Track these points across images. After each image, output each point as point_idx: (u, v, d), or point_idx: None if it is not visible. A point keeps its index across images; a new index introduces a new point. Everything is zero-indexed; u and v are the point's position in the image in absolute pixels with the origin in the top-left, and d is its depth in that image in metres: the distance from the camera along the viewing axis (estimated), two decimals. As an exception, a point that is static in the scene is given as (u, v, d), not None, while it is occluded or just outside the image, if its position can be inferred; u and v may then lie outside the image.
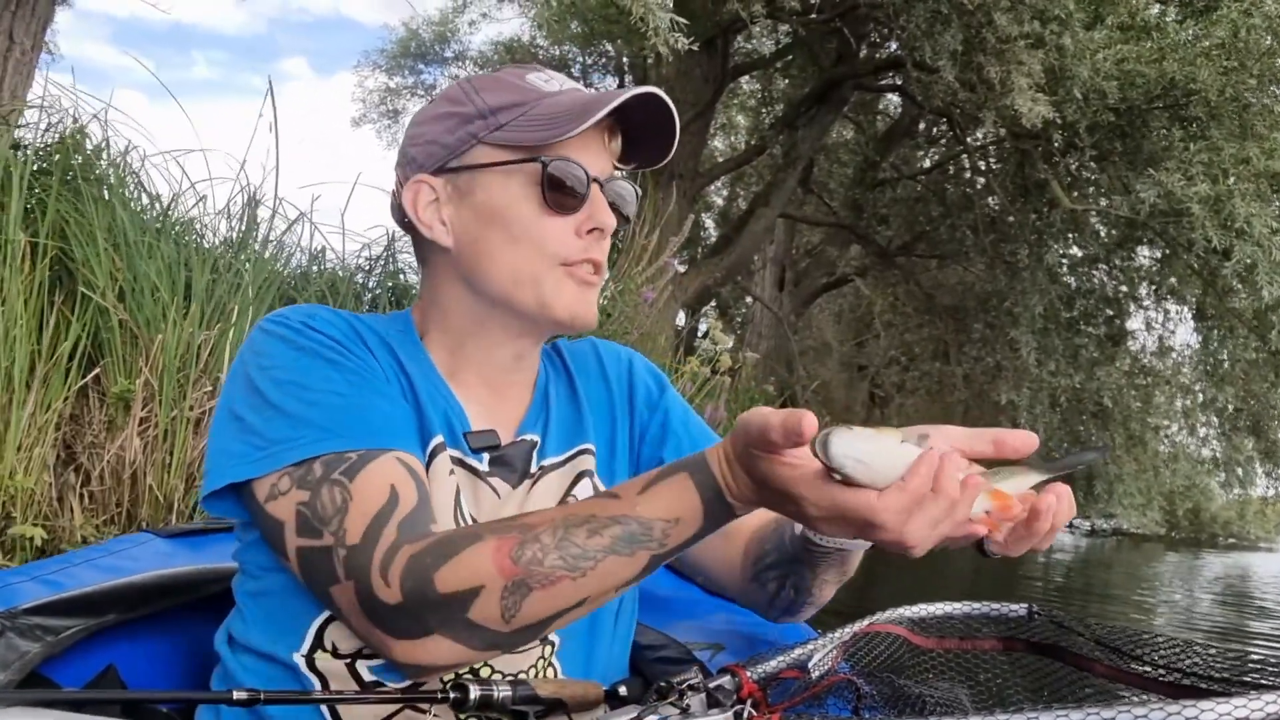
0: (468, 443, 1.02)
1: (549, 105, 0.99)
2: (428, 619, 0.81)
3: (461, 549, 0.82)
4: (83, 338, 2.90)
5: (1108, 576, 9.23)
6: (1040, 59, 6.23)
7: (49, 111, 3.61)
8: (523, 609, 0.80)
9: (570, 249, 1.00)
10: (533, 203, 0.99)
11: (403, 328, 1.07)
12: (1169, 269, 8.76)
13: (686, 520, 0.81)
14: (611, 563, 0.81)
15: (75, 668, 0.99)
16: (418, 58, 16.16)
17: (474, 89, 1.02)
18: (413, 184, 1.02)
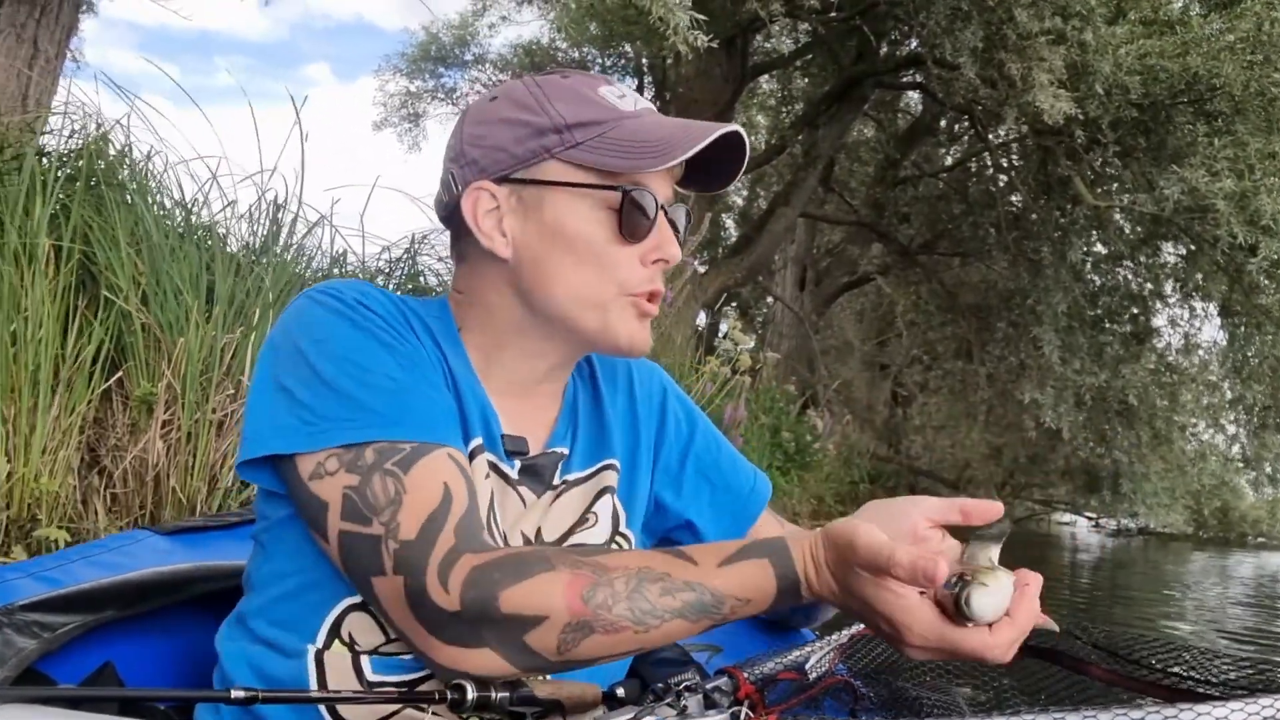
0: (503, 446, 1.01)
1: (630, 130, 0.96)
2: (483, 633, 0.82)
3: (534, 573, 0.82)
4: (106, 341, 2.93)
5: (1130, 578, 9.15)
6: (1062, 55, 6.18)
7: (73, 118, 3.66)
8: (579, 647, 0.81)
9: (636, 278, 0.99)
10: (605, 228, 0.97)
11: (441, 315, 1.04)
12: (1194, 266, 8.67)
13: (756, 602, 0.83)
14: (676, 625, 0.82)
15: (73, 665, 0.99)
16: (438, 61, 16.21)
17: (546, 97, 0.98)
18: (473, 190, 0.98)
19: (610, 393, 1.14)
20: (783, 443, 8.81)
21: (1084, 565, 10.44)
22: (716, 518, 1.18)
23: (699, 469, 1.18)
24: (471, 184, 0.98)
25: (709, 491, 1.18)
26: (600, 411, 1.12)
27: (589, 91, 0.98)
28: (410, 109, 16.64)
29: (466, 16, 15.06)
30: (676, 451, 1.17)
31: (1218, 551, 15.24)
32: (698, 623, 0.82)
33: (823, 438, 9.93)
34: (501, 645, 0.81)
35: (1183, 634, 5.53)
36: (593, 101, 0.97)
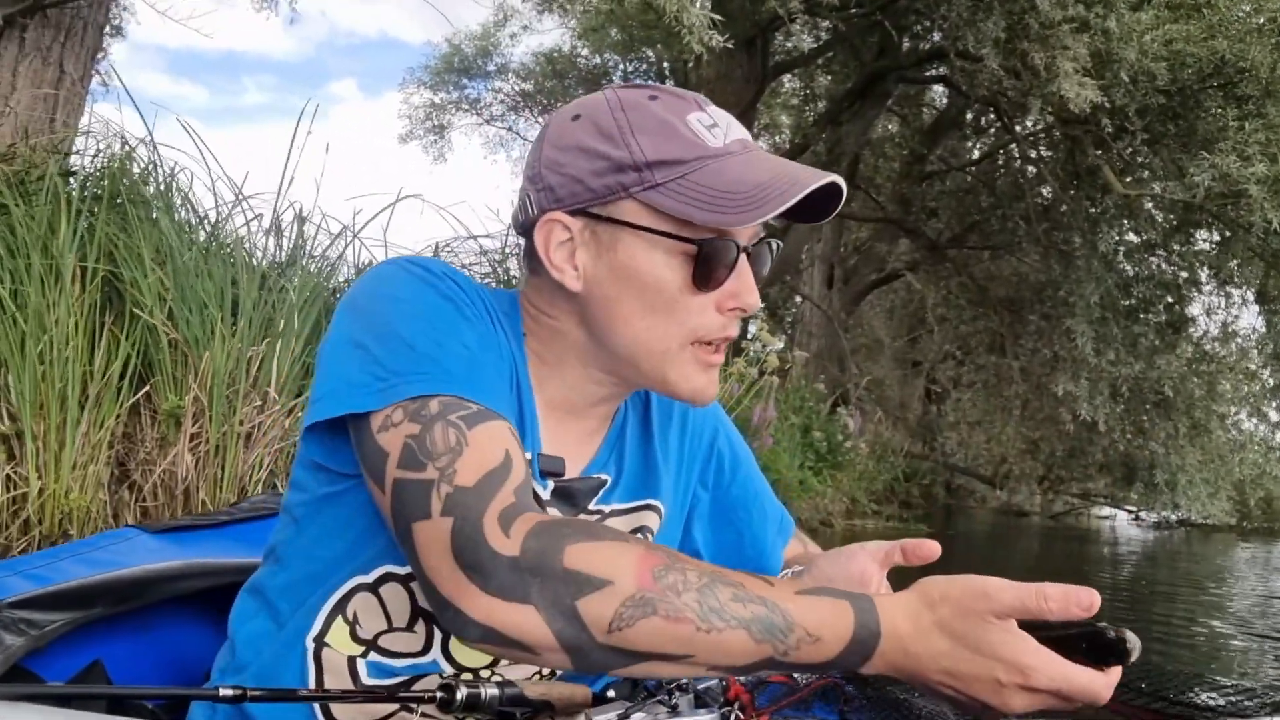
0: (538, 464, 0.97)
1: (716, 173, 0.90)
2: (532, 585, 0.75)
3: (606, 537, 0.79)
4: (133, 356, 2.97)
5: (1170, 572, 9.01)
6: (1086, 43, 6.11)
7: (98, 138, 3.72)
8: (635, 627, 0.75)
9: (709, 327, 0.94)
10: (679, 275, 0.92)
11: (511, 314, 1.01)
12: (1229, 252, 8.52)
13: (825, 643, 0.76)
14: (737, 637, 0.75)
15: (61, 662, 0.99)
16: (461, 73, 16.33)
17: (630, 127, 0.91)
18: (548, 220, 0.94)
19: (663, 427, 1.11)
20: (813, 442, 8.76)
21: (1124, 560, 10.30)
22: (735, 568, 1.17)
23: (731, 519, 1.17)
24: (547, 213, 0.94)
25: (734, 543, 1.17)
26: (649, 446, 1.09)
27: (676, 121, 0.92)
28: (435, 121, 16.78)
29: (488, 27, 15.17)
30: (716, 496, 1.16)
31: (1262, 543, 14.97)
32: (760, 644, 0.75)
33: (854, 436, 9.86)
34: (549, 605, 0.75)
35: (1225, 631, 5.42)
36: (678, 135, 0.91)
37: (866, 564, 0.99)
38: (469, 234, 4.68)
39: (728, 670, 0.78)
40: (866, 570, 0.99)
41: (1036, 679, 0.74)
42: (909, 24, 9.37)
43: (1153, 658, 4.06)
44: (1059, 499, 16.96)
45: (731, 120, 0.95)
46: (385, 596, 0.93)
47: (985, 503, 19.04)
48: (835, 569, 1.03)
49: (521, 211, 0.98)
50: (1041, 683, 0.74)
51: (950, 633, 0.76)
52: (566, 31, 14.40)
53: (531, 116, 16.50)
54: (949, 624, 0.76)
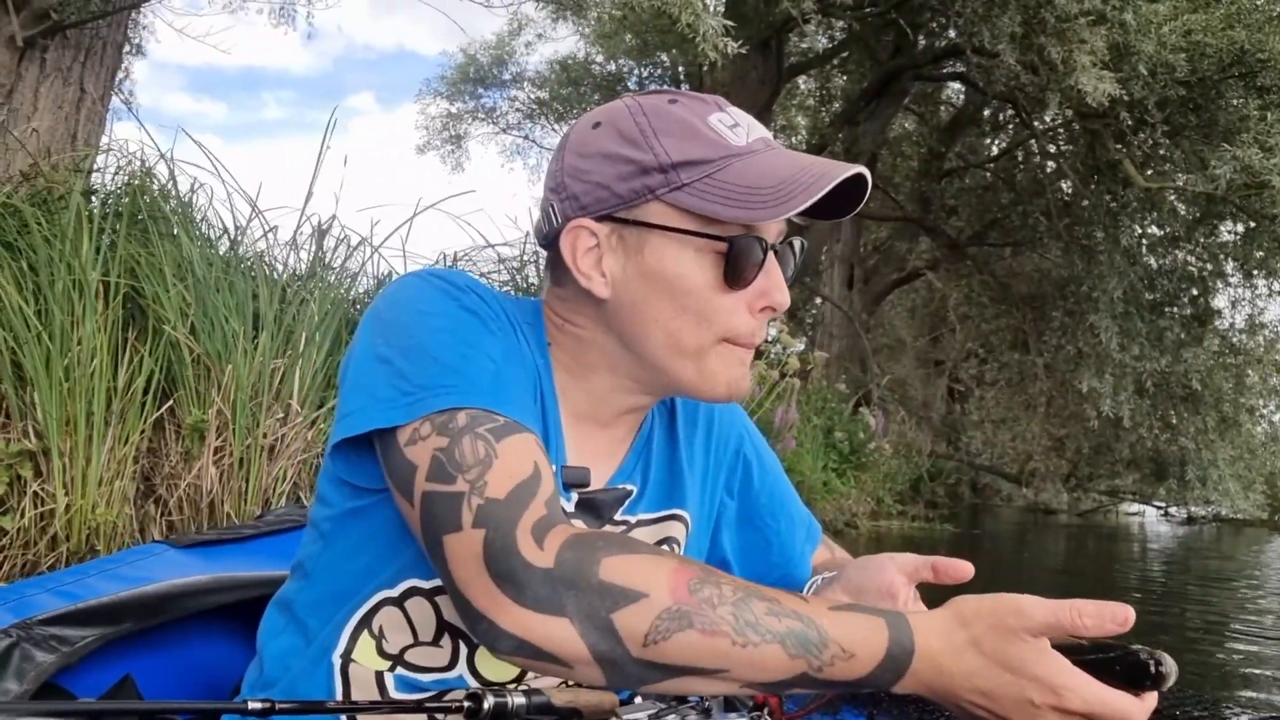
0: (561, 476, 0.96)
1: (741, 171, 0.90)
2: (567, 598, 0.74)
3: (641, 551, 0.78)
4: (156, 372, 2.99)
5: (1203, 568, 8.90)
6: (1103, 35, 6.06)
7: (119, 156, 3.75)
8: (670, 640, 0.74)
9: (740, 327, 0.94)
10: (709, 275, 0.91)
11: (534, 324, 1.01)
12: (1254, 243, 8.43)
13: (860, 660, 0.75)
14: (771, 652, 0.74)
15: (93, 678, 1.00)
16: (477, 82, 16.41)
17: (653, 131, 0.91)
18: (574, 228, 0.93)
19: (688, 435, 1.11)
20: (836, 443, 8.73)
21: (1153, 557, 10.19)
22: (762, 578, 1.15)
23: (758, 526, 1.16)
24: (571, 221, 0.94)
25: (763, 548, 1.17)
26: (675, 455, 1.08)
27: (698, 123, 0.92)
28: (452, 131, 16.87)
29: (503, 36, 15.24)
30: (743, 504, 1.16)
31: (1297, 537, 14.77)
32: (795, 659, 0.74)
33: (877, 437, 9.81)
34: (584, 618, 0.74)
35: (1258, 632, 5.35)
36: (701, 136, 0.91)
37: (895, 576, 0.98)
38: (486, 243, 4.70)
39: (761, 686, 0.77)
40: (894, 582, 0.98)
41: (1070, 700, 0.73)
42: (924, 21, 9.33)
43: (1186, 665, 4.01)
44: (1086, 496, 16.81)
45: (752, 120, 0.95)
46: (411, 611, 0.92)
47: (1011, 501, 18.90)
48: (864, 578, 1.02)
49: (545, 222, 0.98)
50: (1075, 704, 0.73)
51: (983, 651, 0.75)
52: (581, 39, 14.44)
53: (548, 124, 16.55)
54: (982, 641, 0.75)
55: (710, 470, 1.12)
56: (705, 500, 1.11)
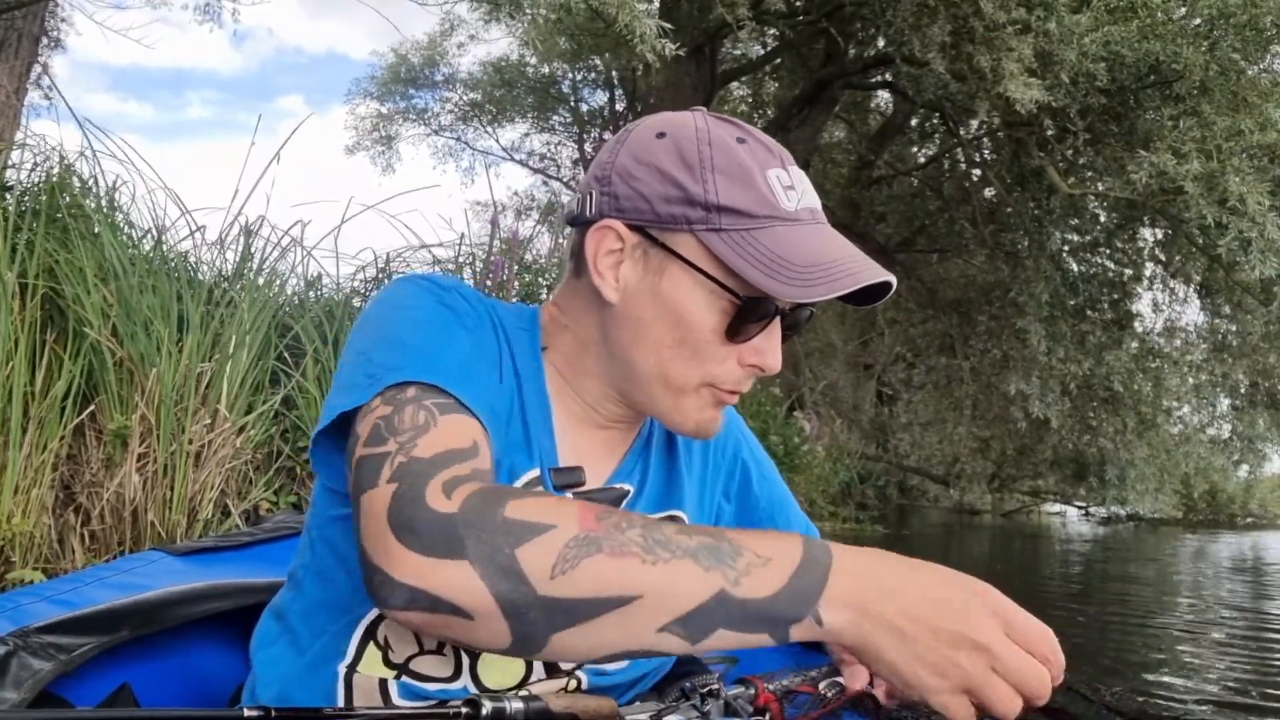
0: (550, 479, 0.97)
1: (778, 237, 0.89)
2: (468, 540, 0.69)
3: (549, 496, 0.76)
4: (76, 376, 2.88)
5: (1122, 567, 9.17)
6: (1030, 44, 6.21)
7: (35, 152, 3.61)
8: (578, 568, 0.69)
9: (726, 376, 0.94)
10: (713, 320, 0.91)
11: (530, 329, 1.01)
12: (1172, 247, 8.72)
13: (776, 565, 0.71)
14: (683, 568, 0.70)
15: (90, 686, 0.99)
16: (408, 83, 16.23)
17: (711, 165, 0.90)
18: (603, 227, 0.93)
19: (687, 439, 1.11)
20: (771, 446, 8.80)
21: (1074, 556, 10.46)
22: None
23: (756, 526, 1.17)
24: (605, 219, 0.94)
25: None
26: (674, 456, 1.09)
27: (756, 173, 0.91)
28: (382, 132, 16.65)
29: (435, 37, 15.09)
30: (741, 507, 1.16)
31: (1207, 534, 15.32)
32: (709, 572, 0.70)
33: (810, 440, 9.92)
34: (485, 559, 0.69)
35: (1170, 624, 5.52)
36: (754, 188, 0.90)
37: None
38: (421, 243, 4.63)
39: (679, 618, 0.70)
40: None
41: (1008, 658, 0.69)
42: (854, 31, 9.46)
43: (1105, 657, 4.12)
44: (1010, 497, 17.22)
45: (808, 185, 0.95)
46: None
47: (938, 502, 19.30)
48: None
49: (579, 205, 0.97)
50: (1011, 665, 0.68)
51: (920, 574, 0.72)
52: (514, 41, 14.37)
53: (481, 126, 16.43)
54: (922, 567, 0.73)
55: (709, 474, 1.12)
56: (704, 503, 1.11)
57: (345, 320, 3.90)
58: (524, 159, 17.49)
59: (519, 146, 17.32)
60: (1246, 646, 4.43)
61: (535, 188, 18.16)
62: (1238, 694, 3.15)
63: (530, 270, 4.94)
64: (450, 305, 0.93)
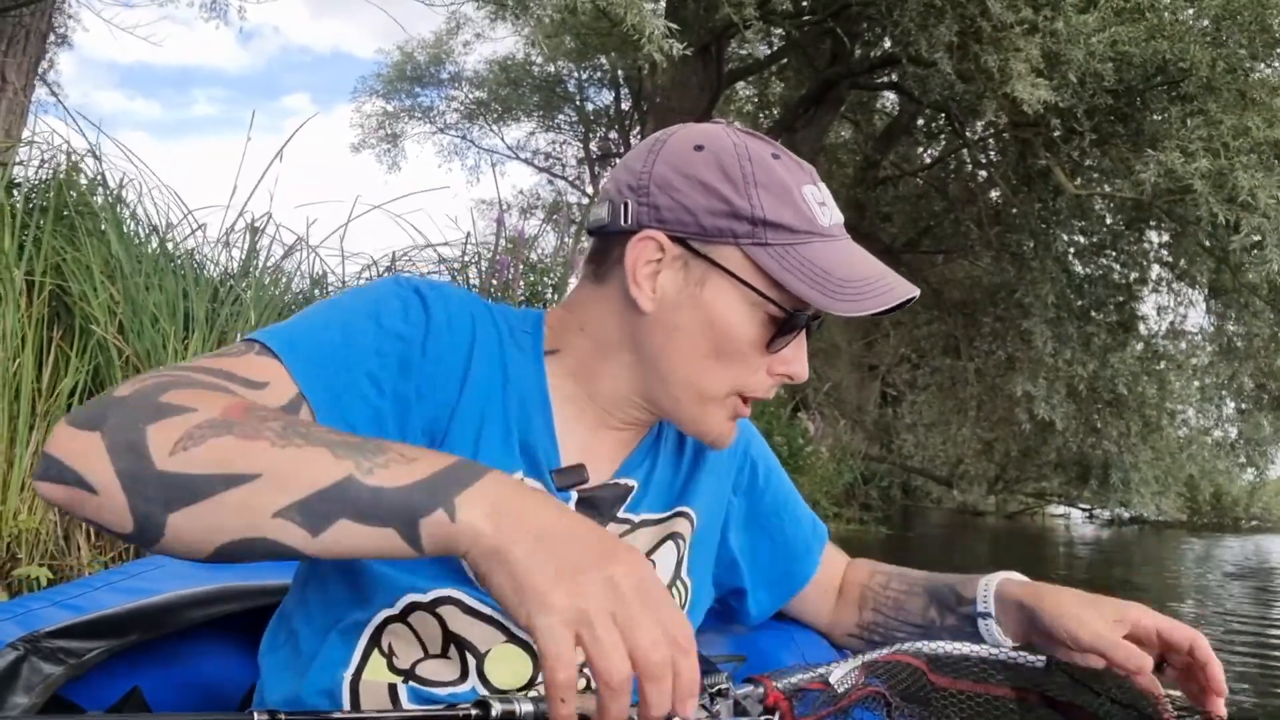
0: (553, 481, 0.95)
1: (820, 253, 0.91)
2: (109, 417, 0.69)
3: (217, 392, 0.75)
4: (83, 372, 2.88)
5: (1125, 570, 9.15)
6: (1037, 44, 6.20)
7: (43, 149, 3.61)
8: (201, 445, 0.67)
9: (755, 385, 0.96)
10: (753, 332, 0.93)
11: (532, 331, 1.01)
12: (1180, 249, 8.70)
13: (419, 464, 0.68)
14: (314, 453, 0.68)
15: (100, 691, 1.00)
16: (414, 81, 16.24)
17: (755, 180, 0.91)
18: (645, 237, 0.93)
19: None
20: (775, 447, 8.78)
21: (1078, 559, 10.44)
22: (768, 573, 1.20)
23: (765, 525, 1.18)
24: (646, 229, 0.93)
25: (769, 548, 1.18)
26: (683, 455, 1.09)
27: (794, 189, 0.92)
28: (388, 129, 16.66)
29: (441, 35, 15.09)
30: (750, 503, 1.17)
31: (1212, 537, 15.28)
32: (340, 460, 0.67)
33: (814, 441, 9.91)
34: (116, 430, 0.68)
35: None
36: (794, 204, 0.92)
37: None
38: (427, 242, 4.63)
39: (298, 501, 0.67)
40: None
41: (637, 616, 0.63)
42: (861, 31, 9.46)
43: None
44: (1013, 498, 17.19)
45: (832, 200, 0.97)
46: (416, 625, 0.91)
47: (941, 503, 19.27)
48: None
49: (610, 215, 0.96)
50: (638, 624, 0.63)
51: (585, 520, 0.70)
52: (520, 39, 14.37)
53: (486, 124, 16.44)
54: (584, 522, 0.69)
55: (722, 470, 1.12)
56: (716, 499, 1.11)
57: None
58: (529, 158, 17.52)
59: (524, 145, 17.35)
60: (1248, 652, 4.42)
61: (540, 186, 18.19)
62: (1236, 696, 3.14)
63: (535, 270, 4.94)
64: (393, 308, 0.91)
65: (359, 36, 43.46)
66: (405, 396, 0.89)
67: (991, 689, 1.00)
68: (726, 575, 1.16)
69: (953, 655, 1.01)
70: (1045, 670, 0.99)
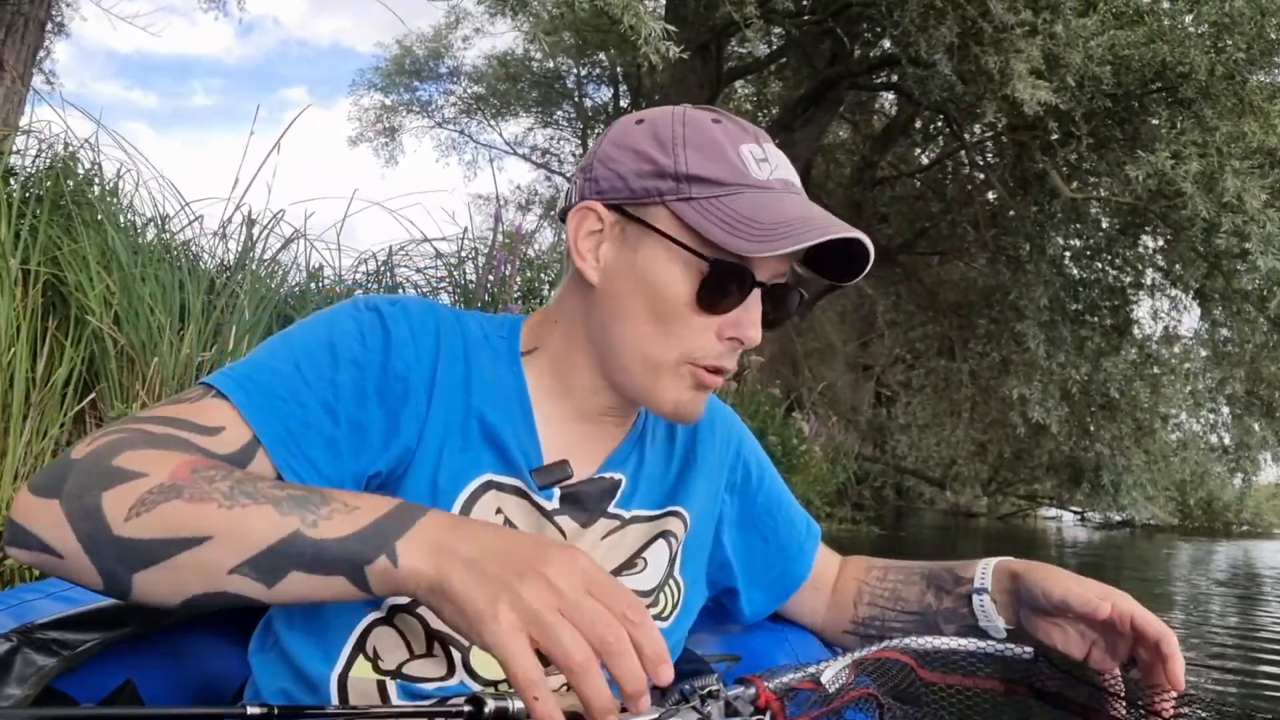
0: (533, 480, 0.96)
1: (748, 202, 0.90)
2: (66, 483, 0.73)
3: (170, 447, 0.77)
4: (78, 363, 2.87)
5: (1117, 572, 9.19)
6: (1037, 46, 6.21)
7: (40, 138, 3.60)
8: (153, 510, 0.71)
9: (705, 350, 0.93)
10: (686, 291, 0.92)
11: (509, 336, 1.02)
12: (1173, 254, 8.73)
13: (362, 512, 0.72)
14: (261, 511, 0.71)
15: (93, 683, 0.99)
16: (412, 75, 16.21)
17: (683, 140, 0.92)
18: (582, 208, 0.95)
19: (689, 434, 1.11)
20: (769, 446, 8.79)
21: (1068, 561, 10.47)
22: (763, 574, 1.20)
23: (758, 525, 1.18)
24: (585, 201, 0.95)
25: (762, 548, 1.19)
26: (674, 453, 1.09)
27: (728, 147, 0.92)
28: (386, 123, 16.63)
29: (440, 29, 15.06)
30: (744, 503, 1.17)
31: (1203, 542, 15.33)
32: (286, 517, 0.71)
33: (809, 440, 9.92)
34: (73, 498, 0.72)
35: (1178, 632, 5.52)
36: (724, 159, 0.92)
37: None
38: (425, 237, 4.63)
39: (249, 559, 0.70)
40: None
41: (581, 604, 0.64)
42: (861, 31, 9.46)
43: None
44: (1006, 500, 17.23)
45: (784, 161, 0.96)
46: (401, 625, 0.91)
47: (933, 504, 19.30)
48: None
49: (565, 197, 1.00)
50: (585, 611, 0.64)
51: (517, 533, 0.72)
52: (519, 35, 14.36)
53: (485, 120, 16.41)
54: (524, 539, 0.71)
55: (715, 470, 1.12)
56: (710, 499, 1.11)
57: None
58: (527, 153, 17.50)
59: (522, 141, 17.33)
60: (1234, 658, 4.44)
61: (538, 182, 18.18)
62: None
63: (532, 266, 4.94)
64: (348, 334, 0.91)
65: (359, 30, 43.42)
66: (363, 423, 0.90)
67: (980, 682, 1.00)
68: (720, 575, 1.16)
69: (941, 650, 1.00)
70: (1033, 662, 1.00)
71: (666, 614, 1.03)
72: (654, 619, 0.98)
